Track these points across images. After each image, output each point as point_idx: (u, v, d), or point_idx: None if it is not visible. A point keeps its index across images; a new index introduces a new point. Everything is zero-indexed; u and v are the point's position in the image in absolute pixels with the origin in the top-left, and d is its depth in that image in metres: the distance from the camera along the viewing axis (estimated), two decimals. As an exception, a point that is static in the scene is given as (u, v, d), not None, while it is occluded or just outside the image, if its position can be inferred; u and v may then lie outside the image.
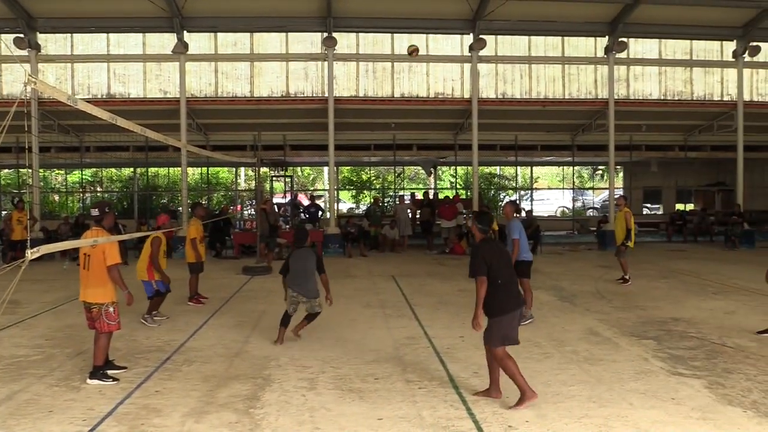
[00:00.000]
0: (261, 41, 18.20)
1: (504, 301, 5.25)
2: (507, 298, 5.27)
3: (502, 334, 5.25)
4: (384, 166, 26.74)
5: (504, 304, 5.24)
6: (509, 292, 5.32)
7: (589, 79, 19.29)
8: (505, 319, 5.24)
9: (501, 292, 5.25)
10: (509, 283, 5.35)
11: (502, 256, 5.42)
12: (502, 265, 5.32)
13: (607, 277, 12.42)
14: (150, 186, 25.11)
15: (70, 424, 4.86)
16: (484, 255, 5.27)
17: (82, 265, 5.98)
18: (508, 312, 5.25)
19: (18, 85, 18.05)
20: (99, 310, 5.91)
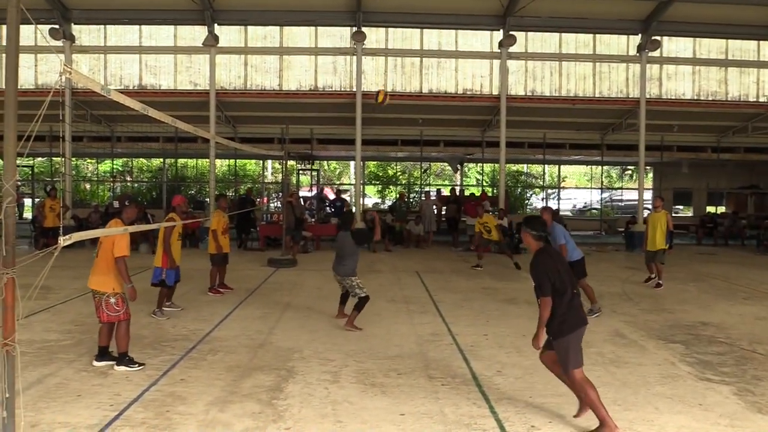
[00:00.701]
0: (290, 35, 18.29)
1: (574, 316, 4.66)
2: (576, 313, 4.68)
3: (577, 355, 4.63)
4: (410, 161, 26.71)
5: (575, 320, 4.66)
6: (574, 307, 4.68)
7: (621, 77, 19.01)
8: (575, 336, 4.65)
9: (566, 308, 4.64)
10: (575, 296, 4.71)
11: (564, 264, 4.82)
12: (565, 277, 4.69)
13: (634, 279, 12.25)
14: (179, 177, 25.43)
15: (98, 408, 4.95)
16: (546, 269, 4.65)
17: (96, 254, 6.07)
18: (576, 329, 4.66)
19: (52, 75, 18.39)
20: (100, 299, 5.96)
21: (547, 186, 26.25)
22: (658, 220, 11.16)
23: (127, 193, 13.15)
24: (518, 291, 10.78)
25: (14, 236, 3.64)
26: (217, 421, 4.72)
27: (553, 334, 4.68)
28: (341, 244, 7.98)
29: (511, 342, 7.20)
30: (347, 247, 7.88)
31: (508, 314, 8.83)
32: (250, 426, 4.63)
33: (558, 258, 4.87)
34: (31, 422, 4.58)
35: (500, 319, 8.48)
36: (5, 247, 3.59)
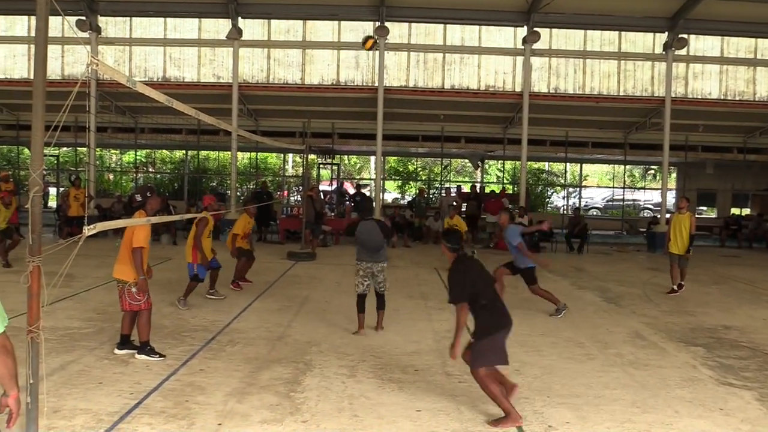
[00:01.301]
0: (313, 29, 18.32)
1: (489, 322, 4.85)
2: (492, 318, 4.86)
3: (486, 356, 4.80)
4: (431, 157, 26.65)
5: (490, 326, 4.83)
6: (494, 311, 4.89)
7: (646, 76, 18.77)
8: (489, 340, 4.81)
9: (485, 314, 4.85)
10: (493, 302, 4.92)
11: (482, 274, 5.07)
12: (483, 285, 4.94)
13: (655, 280, 12.12)
14: (200, 169, 25.63)
15: (119, 396, 5.02)
16: (460, 277, 4.95)
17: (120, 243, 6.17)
18: (493, 333, 4.82)
19: (78, 66, 18.62)
20: (122, 287, 6.05)
21: (568, 184, 26.03)
22: (682, 222, 10.68)
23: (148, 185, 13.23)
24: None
25: (40, 225, 3.70)
26: (235, 412, 4.76)
27: (475, 336, 4.87)
28: (368, 232, 7.32)
29: (531, 341, 7.17)
30: (376, 235, 7.28)
31: (527, 313, 8.78)
32: (267, 418, 4.67)
33: (474, 267, 5.10)
34: (54, 408, 4.65)
35: (519, 318, 8.34)
36: (31, 236, 3.65)
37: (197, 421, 4.57)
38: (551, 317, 8.54)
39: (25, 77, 18.67)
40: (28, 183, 3.44)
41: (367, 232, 7.34)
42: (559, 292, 10.46)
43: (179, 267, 12.04)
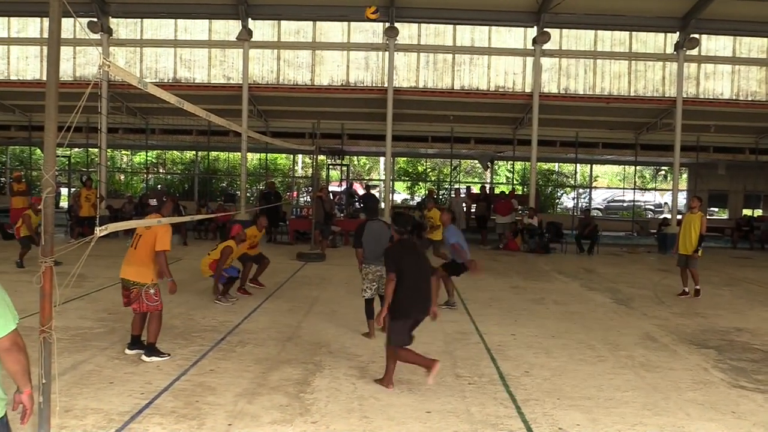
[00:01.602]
0: (323, 30, 18.36)
1: (401, 306, 5.34)
2: (409, 304, 5.36)
3: (394, 337, 5.40)
4: (440, 158, 26.61)
5: (400, 310, 5.35)
6: (412, 299, 5.37)
7: (657, 76, 18.67)
8: (396, 324, 5.38)
9: (404, 296, 5.33)
10: (414, 289, 5.37)
11: (413, 258, 5.51)
12: (412, 269, 5.41)
13: (666, 282, 12.05)
14: (210, 169, 25.73)
15: (129, 396, 5.04)
16: (395, 255, 5.50)
17: (132, 245, 6.08)
18: (400, 318, 5.37)
19: (90, 68, 18.76)
20: (139, 290, 5.97)
21: (578, 185, 25.92)
22: (693, 221, 10.54)
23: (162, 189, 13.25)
24: (547, 291, 10.68)
25: (53, 226, 3.72)
26: (245, 412, 4.77)
27: (390, 313, 5.39)
28: (378, 234, 7.20)
29: (540, 343, 7.14)
30: (385, 236, 7.12)
31: (536, 314, 8.76)
32: (277, 418, 4.67)
33: (415, 254, 5.60)
34: (65, 407, 4.68)
35: (528, 319, 8.41)
36: (44, 236, 3.67)
37: (207, 421, 4.59)
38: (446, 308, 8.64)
39: (37, 78, 18.82)
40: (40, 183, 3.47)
41: (374, 234, 7.23)
42: (569, 294, 10.47)
43: (189, 267, 12.10)
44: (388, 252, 5.62)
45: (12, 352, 2.54)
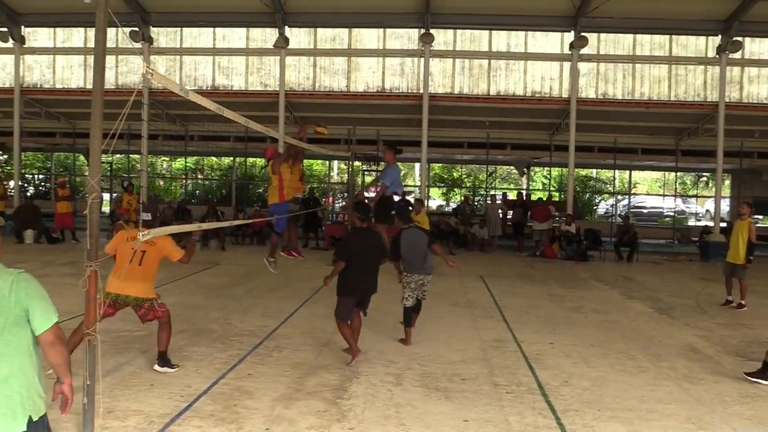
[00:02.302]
0: (359, 36, 18.45)
1: (344, 284, 6.23)
2: (347, 282, 6.21)
3: (338, 310, 6.26)
4: (476, 164, 26.49)
5: (343, 288, 6.25)
6: (352, 278, 6.20)
7: (698, 80, 18.26)
8: (341, 299, 6.24)
9: (347, 275, 6.21)
10: (361, 272, 6.23)
11: (366, 244, 6.34)
12: (358, 253, 6.22)
13: (709, 291, 11.73)
14: (247, 175, 26.05)
15: (169, 398, 5.12)
16: (348, 244, 6.39)
17: (129, 260, 5.55)
18: (344, 295, 6.23)
19: (131, 76, 19.19)
20: (151, 303, 5.79)
21: (616, 192, 25.49)
22: (741, 229, 10.03)
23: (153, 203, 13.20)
24: (585, 299, 10.51)
25: (97, 230, 3.80)
26: (283, 417, 4.80)
27: (337, 290, 6.29)
28: (414, 241, 7.11)
29: (579, 352, 7.02)
30: (421, 243, 7.10)
31: (574, 323, 8.62)
32: (314, 424, 4.68)
33: (363, 238, 6.44)
34: (108, 408, 4.77)
35: (567, 328, 8.28)
36: (89, 241, 3.75)
37: (245, 425, 4.62)
38: None
39: (81, 87, 19.35)
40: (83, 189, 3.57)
41: (410, 243, 7.15)
42: (608, 302, 10.30)
43: (227, 272, 12.28)
44: (342, 240, 6.46)
45: (55, 345, 2.64)
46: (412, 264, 7.14)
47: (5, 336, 2.52)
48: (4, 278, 2.55)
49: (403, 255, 7.16)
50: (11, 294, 2.53)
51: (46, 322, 2.61)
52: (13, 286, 2.55)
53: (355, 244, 6.33)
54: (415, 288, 7.20)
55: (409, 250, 7.13)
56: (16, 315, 2.54)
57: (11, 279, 2.56)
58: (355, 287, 6.25)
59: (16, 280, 2.57)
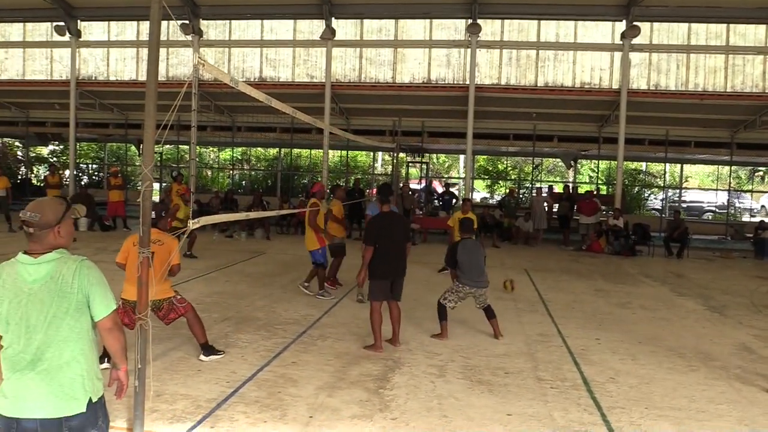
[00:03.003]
0: (405, 27, 18.38)
1: (376, 268, 6.34)
2: (379, 267, 6.33)
3: (373, 293, 6.41)
4: (522, 156, 26.14)
5: (375, 272, 6.36)
6: (383, 261, 6.33)
7: (757, 70, 17.57)
8: (374, 283, 6.39)
9: (377, 260, 6.32)
10: (387, 254, 6.33)
11: (390, 229, 6.43)
12: (385, 237, 6.34)
13: (764, 290, 11.34)
14: (293, 166, 26.32)
15: (216, 384, 5.23)
16: (374, 226, 6.47)
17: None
18: (377, 278, 6.36)
19: (180, 68, 19.60)
20: (170, 303, 5.84)
21: (667, 186, 24.81)
22: None
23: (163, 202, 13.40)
24: (632, 295, 10.28)
25: (150, 218, 3.90)
26: (326, 405, 4.85)
27: (369, 275, 6.42)
28: (470, 253, 7.04)
29: (626, 348, 6.88)
30: (478, 255, 7.06)
31: (621, 319, 8.45)
32: (357, 413, 4.72)
33: (388, 222, 6.49)
34: (157, 392, 4.92)
35: (613, 324, 8.13)
36: (141, 228, 3.85)
37: (289, 412, 4.69)
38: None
39: (133, 78, 19.84)
40: (134, 178, 3.66)
41: (468, 254, 7.03)
42: (657, 299, 10.05)
43: (272, 261, 12.45)
44: (370, 225, 6.55)
45: (113, 330, 2.74)
46: (467, 275, 7.02)
47: (68, 321, 2.62)
48: (68, 265, 2.65)
49: (461, 266, 7.04)
50: (74, 281, 2.63)
51: (106, 309, 2.71)
52: (76, 273, 2.64)
53: (381, 228, 6.41)
54: (462, 297, 7.08)
55: (467, 261, 7.00)
56: (78, 301, 2.64)
57: (75, 266, 2.66)
58: (386, 269, 6.38)
59: (79, 267, 2.67)
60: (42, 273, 2.62)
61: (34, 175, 27.74)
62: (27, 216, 2.64)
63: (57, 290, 2.60)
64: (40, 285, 2.60)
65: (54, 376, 2.60)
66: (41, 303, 2.59)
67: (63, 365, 2.61)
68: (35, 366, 2.58)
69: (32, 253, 2.65)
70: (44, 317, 2.58)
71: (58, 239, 2.70)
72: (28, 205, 2.69)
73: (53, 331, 2.59)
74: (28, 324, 2.58)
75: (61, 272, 2.62)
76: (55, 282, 2.61)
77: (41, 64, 20.85)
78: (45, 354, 2.59)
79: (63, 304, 2.60)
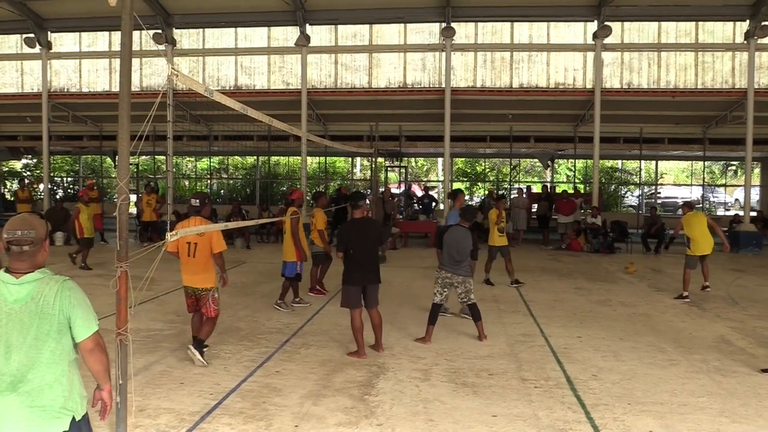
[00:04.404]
0: (380, 32, 18.41)
1: (347, 274, 6.40)
2: (348, 272, 6.37)
3: (344, 298, 6.45)
4: (499, 158, 26.30)
5: (346, 277, 6.40)
6: (353, 267, 6.35)
7: (726, 67, 17.88)
8: (345, 289, 6.42)
9: (348, 265, 6.39)
10: (357, 260, 6.34)
11: (361, 233, 6.39)
12: (355, 242, 6.34)
13: (740, 282, 11.53)
14: (271, 174, 26.22)
15: (199, 396, 5.18)
16: (345, 233, 6.48)
17: (188, 253, 6.10)
18: (347, 284, 6.39)
19: (155, 78, 19.42)
20: (207, 295, 6.11)
21: (643, 183, 25.13)
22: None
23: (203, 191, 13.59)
24: (612, 292, 10.40)
25: (127, 231, 3.85)
26: (311, 414, 4.83)
27: (342, 280, 6.46)
28: (461, 239, 7.05)
29: (607, 345, 6.95)
30: (463, 243, 7.04)
31: (602, 316, 8.54)
32: (342, 420, 4.71)
33: (358, 227, 6.44)
34: (140, 407, 4.85)
35: (594, 321, 8.21)
36: (119, 242, 3.81)
37: (275, 422, 4.66)
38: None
39: (107, 90, 19.62)
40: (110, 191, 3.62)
41: (453, 239, 7.10)
42: (636, 295, 10.17)
43: (253, 270, 12.37)
44: (341, 232, 6.58)
45: (95, 352, 2.69)
46: (447, 259, 7.12)
47: (50, 343, 2.58)
48: (50, 286, 2.61)
49: (444, 249, 7.13)
50: (55, 302, 2.59)
51: (87, 331, 2.67)
52: (57, 294, 2.60)
53: (351, 234, 6.39)
54: (443, 284, 7.16)
55: (450, 244, 7.07)
56: (59, 322, 2.60)
57: (57, 287, 2.61)
58: (357, 276, 6.37)
59: (61, 288, 2.62)
60: (23, 293, 2.57)
61: (8, 189, 27.27)
62: (19, 234, 2.58)
63: (38, 312, 2.56)
64: (20, 306, 2.55)
65: (36, 398, 2.56)
66: (21, 324, 2.54)
67: (45, 387, 2.57)
68: (16, 387, 2.54)
69: (15, 272, 2.60)
70: (24, 338, 2.54)
71: (44, 255, 2.68)
72: (10, 223, 2.63)
73: (35, 353, 2.55)
74: (8, 344, 2.54)
75: (42, 293, 2.58)
76: (36, 303, 2.56)
77: (11, 77, 20.53)
78: (27, 375, 2.54)
79: (44, 326, 2.56)
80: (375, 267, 6.51)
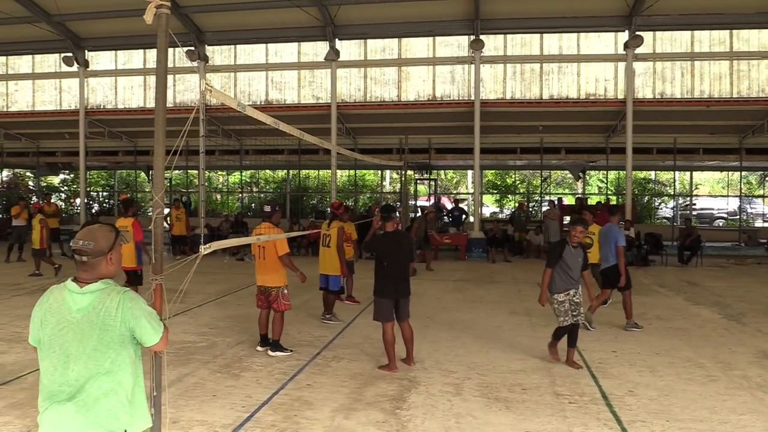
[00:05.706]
0: (408, 46, 18.50)
1: (378, 286, 6.37)
2: (380, 285, 6.34)
3: (376, 311, 6.41)
4: (530, 169, 26.09)
5: (377, 290, 6.38)
6: (385, 280, 6.31)
7: (762, 75, 17.51)
8: (377, 301, 6.39)
9: (379, 278, 6.35)
10: (390, 273, 6.30)
11: (394, 246, 6.37)
12: (388, 254, 6.32)
13: (781, 295, 11.20)
14: (301, 187, 26.41)
15: (231, 408, 5.20)
16: (377, 243, 6.50)
17: (259, 256, 6.95)
18: (378, 296, 6.36)
19: (188, 94, 19.77)
20: (277, 292, 6.88)
21: (677, 194, 24.67)
22: None
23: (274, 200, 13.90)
24: (648, 306, 10.18)
25: (162, 244, 3.90)
26: (343, 428, 4.81)
27: (374, 293, 6.44)
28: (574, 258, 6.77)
29: (643, 360, 6.80)
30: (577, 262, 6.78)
31: (637, 330, 8.35)
32: (374, 434, 4.68)
33: (391, 239, 6.43)
34: (173, 419, 4.89)
35: (629, 336, 8.05)
36: (154, 255, 3.85)
37: (306, 435, 4.65)
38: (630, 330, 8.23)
39: (141, 106, 20.03)
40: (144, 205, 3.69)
41: (570, 254, 6.71)
42: (672, 309, 9.95)
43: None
44: (372, 239, 6.64)
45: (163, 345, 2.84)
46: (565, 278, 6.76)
47: (110, 354, 2.60)
48: (111, 297, 2.64)
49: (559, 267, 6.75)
50: (117, 313, 2.61)
51: (156, 335, 2.73)
52: (119, 305, 2.63)
53: (385, 247, 6.42)
54: (569, 308, 6.74)
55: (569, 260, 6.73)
56: (121, 334, 2.62)
57: (118, 298, 2.64)
58: (389, 289, 6.36)
59: (123, 299, 2.65)
60: (85, 303, 2.61)
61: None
62: (80, 244, 2.63)
63: (99, 322, 2.59)
64: (82, 315, 2.59)
65: (91, 408, 2.57)
66: (81, 334, 2.58)
67: (101, 397, 2.58)
68: (74, 397, 2.57)
69: (80, 282, 2.65)
70: (83, 348, 2.57)
71: (109, 267, 2.71)
72: (78, 232, 2.70)
73: (94, 363, 2.58)
74: (68, 354, 2.57)
75: (104, 303, 2.61)
76: (97, 313, 2.59)
77: (50, 95, 21.13)
78: (84, 386, 2.57)
79: (105, 337, 2.59)
80: (407, 280, 6.52)
